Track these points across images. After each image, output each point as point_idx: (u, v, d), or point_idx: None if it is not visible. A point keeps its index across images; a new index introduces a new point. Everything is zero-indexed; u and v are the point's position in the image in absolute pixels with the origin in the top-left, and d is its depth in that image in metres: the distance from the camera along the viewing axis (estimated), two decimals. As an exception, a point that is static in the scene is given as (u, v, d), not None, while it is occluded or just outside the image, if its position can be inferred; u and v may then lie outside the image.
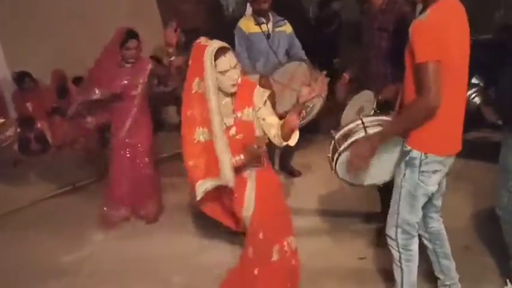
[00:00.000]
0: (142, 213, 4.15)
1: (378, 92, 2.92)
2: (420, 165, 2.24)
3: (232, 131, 2.51)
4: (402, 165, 2.31)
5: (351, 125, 2.60)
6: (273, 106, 2.70)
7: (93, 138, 5.42)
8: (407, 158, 2.27)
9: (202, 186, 2.47)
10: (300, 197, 4.28)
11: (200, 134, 2.47)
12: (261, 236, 2.64)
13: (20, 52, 6.40)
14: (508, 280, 2.76)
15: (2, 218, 4.57)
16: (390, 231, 2.44)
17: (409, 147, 2.25)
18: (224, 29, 6.75)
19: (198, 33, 4.14)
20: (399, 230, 2.40)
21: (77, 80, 6.85)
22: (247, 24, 4.34)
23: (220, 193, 2.73)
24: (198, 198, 2.47)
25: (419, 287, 2.60)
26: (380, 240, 3.20)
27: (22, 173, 5.77)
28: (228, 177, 2.43)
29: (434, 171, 2.27)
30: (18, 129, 6.27)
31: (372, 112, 2.93)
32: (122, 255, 3.65)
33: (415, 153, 2.24)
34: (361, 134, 2.48)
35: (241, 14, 6.48)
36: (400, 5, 3.10)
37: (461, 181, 3.94)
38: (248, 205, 2.64)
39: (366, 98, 3.06)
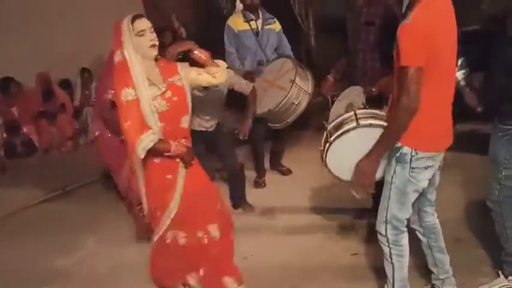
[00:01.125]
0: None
1: (367, 86, 2.92)
2: (411, 161, 2.25)
3: (168, 94, 2.58)
4: (393, 161, 2.31)
5: (344, 116, 2.60)
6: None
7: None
8: (398, 154, 2.27)
9: (141, 144, 2.47)
10: (291, 194, 4.29)
11: (128, 95, 2.51)
12: (181, 220, 2.73)
13: (1, 54, 6.30)
14: (500, 272, 2.76)
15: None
16: (380, 227, 2.44)
17: (399, 144, 2.25)
18: (213, 24, 6.76)
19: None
20: (389, 226, 2.40)
21: (65, 82, 6.81)
22: (236, 22, 4.32)
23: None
24: (142, 156, 2.48)
25: (412, 282, 2.62)
26: (371, 236, 3.21)
27: (10, 178, 5.70)
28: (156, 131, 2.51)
29: (426, 167, 2.28)
30: (5, 135, 6.22)
31: (362, 107, 2.93)
32: (115, 259, 3.62)
33: (406, 149, 2.24)
34: (353, 124, 2.48)
35: (230, 10, 6.46)
36: None
37: (451, 173, 3.92)
38: (178, 190, 2.68)
39: (354, 93, 3.06)
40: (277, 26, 4.44)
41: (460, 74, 3.46)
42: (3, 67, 6.19)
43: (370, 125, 2.44)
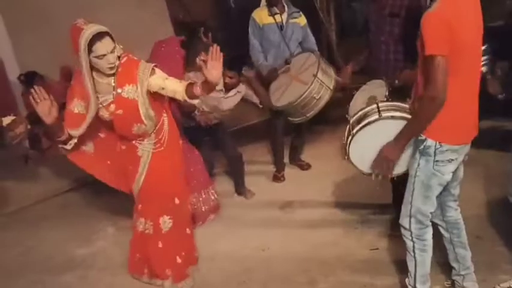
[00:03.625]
0: None
1: (390, 79, 2.89)
2: (435, 154, 2.23)
3: (112, 107, 2.64)
4: (417, 154, 2.30)
5: (366, 109, 2.60)
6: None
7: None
8: (422, 146, 2.25)
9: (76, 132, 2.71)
10: (310, 188, 4.28)
11: (78, 106, 2.69)
12: (139, 207, 3.03)
13: (26, 46, 6.42)
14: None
15: (15, 214, 4.61)
16: (404, 221, 2.43)
17: (424, 136, 2.24)
18: (230, 21, 6.76)
19: (202, 25, 4.18)
20: (413, 219, 2.39)
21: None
22: (260, 15, 4.31)
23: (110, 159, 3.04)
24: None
25: (432, 277, 2.60)
26: (393, 231, 3.19)
27: (33, 169, 5.79)
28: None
29: (450, 160, 2.26)
30: (29, 126, 6.32)
31: (384, 100, 2.92)
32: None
33: (430, 142, 2.22)
34: (375, 116, 2.47)
35: (247, 6, 6.45)
36: None
37: (472, 169, 3.86)
38: (138, 181, 2.90)
39: (376, 86, 3.04)
40: (302, 19, 4.39)
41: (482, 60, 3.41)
42: (29, 61, 6.29)
43: (393, 117, 2.43)
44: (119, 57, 2.59)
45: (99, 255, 3.70)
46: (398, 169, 2.55)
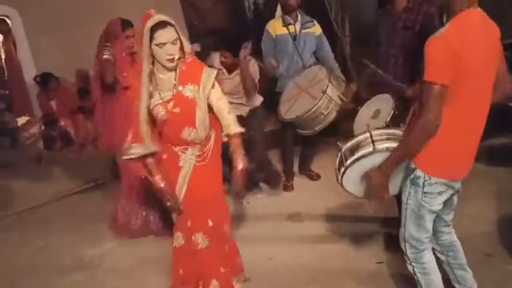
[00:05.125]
0: None
1: (401, 85, 2.88)
2: (424, 185, 2.17)
3: (170, 105, 2.56)
4: (408, 182, 2.24)
5: (359, 138, 2.54)
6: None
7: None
8: (412, 175, 2.20)
9: (126, 151, 2.65)
10: (318, 199, 4.26)
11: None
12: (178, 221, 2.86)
13: (44, 49, 6.51)
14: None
15: (26, 213, 4.67)
16: (401, 244, 2.39)
17: (414, 165, 2.19)
18: (245, 30, 6.78)
19: (219, 33, 4.22)
20: (407, 244, 2.35)
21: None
22: (274, 26, 4.34)
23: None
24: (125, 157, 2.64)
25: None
26: (395, 245, 3.17)
27: (46, 169, 5.88)
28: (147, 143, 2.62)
29: (440, 193, 2.19)
30: (43, 127, 6.42)
31: (391, 114, 2.91)
32: (140, 251, 3.70)
33: (419, 172, 2.17)
34: (369, 148, 2.41)
35: (264, 15, 6.47)
36: (427, 5, 3.07)
37: (483, 185, 3.87)
38: (178, 192, 2.74)
39: (383, 101, 3.04)
40: (317, 29, 4.40)
41: None
42: (46, 63, 6.41)
43: (387, 149, 2.36)
44: (182, 57, 2.56)
45: (106, 257, 3.72)
46: (392, 191, 2.49)
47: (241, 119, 3.53)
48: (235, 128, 2.66)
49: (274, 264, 3.35)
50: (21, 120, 6.74)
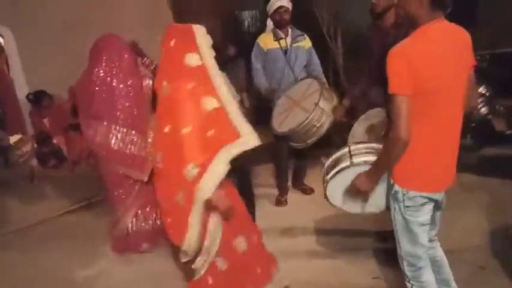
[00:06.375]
0: None
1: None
2: (403, 200, 2.17)
3: None
4: (390, 198, 2.25)
5: (339, 153, 2.58)
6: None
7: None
8: (392, 191, 2.21)
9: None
10: (312, 213, 4.25)
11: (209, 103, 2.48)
12: None
13: (36, 65, 6.51)
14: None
15: (19, 233, 4.62)
16: (399, 261, 2.37)
17: (392, 181, 2.19)
18: (240, 44, 6.81)
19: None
20: (404, 262, 2.32)
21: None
22: (265, 41, 4.37)
23: None
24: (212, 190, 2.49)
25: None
26: (391, 260, 3.16)
27: (39, 188, 5.85)
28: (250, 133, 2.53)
29: (422, 204, 2.18)
30: (35, 145, 6.38)
31: (384, 129, 2.92)
32: (135, 270, 3.66)
33: (397, 187, 2.17)
34: (347, 163, 2.45)
35: (257, 30, 6.50)
36: None
37: (475, 197, 3.88)
38: None
39: (374, 115, 3.05)
40: (307, 43, 4.44)
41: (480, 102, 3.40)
42: (39, 80, 6.39)
43: (364, 163, 2.37)
44: None
45: (100, 277, 3.68)
46: (380, 206, 2.54)
47: None
48: None
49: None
50: (14, 139, 6.69)
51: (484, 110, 3.49)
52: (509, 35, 4.97)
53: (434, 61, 1.99)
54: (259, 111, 4.47)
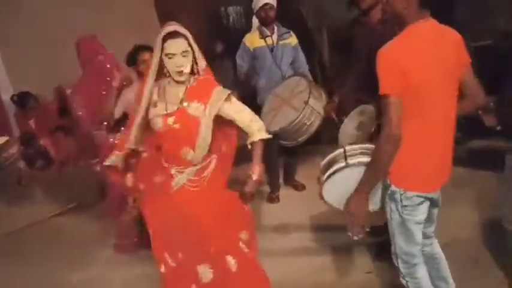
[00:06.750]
0: None
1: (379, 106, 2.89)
2: (401, 200, 2.17)
3: (171, 119, 2.44)
4: (387, 198, 2.24)
5: (334, 153, 2.55)
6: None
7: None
8: (389, 191, 2.20)
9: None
10: (305, 209, 4.25)
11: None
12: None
13: (20, 66, 6.41)
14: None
15: (9, 236, 4.57)
16: (393, 258, 2.37)
17: (388, 181, 2.19)
18: (224, 40, 6.78)
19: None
20: (399, 259, 2.33)
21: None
22: (252, 40, 4.36)
23: None
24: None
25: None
26: (383, 254, 3.17)
27: (27, 191, 5.74)
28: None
29: (420, 203, 2.18)
30: (21, 147, 6.29)
31: (374, 126, 2.92)
32: (131, 273, 3.64)
33: (394, 187, 2.17)
34: (342, 163, 2.42)
35: (241, 26, 6.47)
36: None
37: (465, 190, 3.91)
38: None
39: (366, 113, 3.05)
40: (293, 40, 4.43)
41: None
42: (23, 80, 6.28)
43: (359, 163, 2.34)
44: (196, 72, 2.49)
45: (96, 280, 3.66)
46: (374, 205, 2.48)
47: None
48: (258, 136, 2.61)
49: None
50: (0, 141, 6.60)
51: None
52: (490, 27, 5.02)
53: (423, 61, 1.99)
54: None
